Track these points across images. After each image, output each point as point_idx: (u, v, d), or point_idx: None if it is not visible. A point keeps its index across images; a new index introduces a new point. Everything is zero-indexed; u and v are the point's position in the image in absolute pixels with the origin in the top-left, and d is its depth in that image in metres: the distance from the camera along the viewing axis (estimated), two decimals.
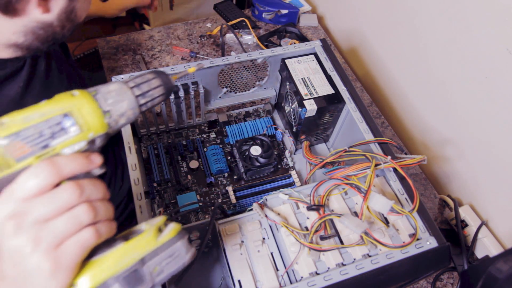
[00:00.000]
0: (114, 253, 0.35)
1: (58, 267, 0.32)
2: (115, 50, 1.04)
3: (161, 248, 0.37)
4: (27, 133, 0.32)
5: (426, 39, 0.84)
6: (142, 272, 0.35)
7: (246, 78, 0.78)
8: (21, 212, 0.31)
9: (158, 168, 0.74)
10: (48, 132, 0.32)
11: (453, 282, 0.74)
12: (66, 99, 0.34)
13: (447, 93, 0.83)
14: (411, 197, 0.57)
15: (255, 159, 0.73)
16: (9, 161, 0.31)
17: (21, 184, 0.31)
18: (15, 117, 0.32)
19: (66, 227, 0.32)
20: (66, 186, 0.33)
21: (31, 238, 0.31)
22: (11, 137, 0.31)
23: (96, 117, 0.34)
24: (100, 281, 0.34)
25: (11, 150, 0.31)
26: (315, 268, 0.52)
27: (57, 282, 0.33)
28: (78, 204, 0.33)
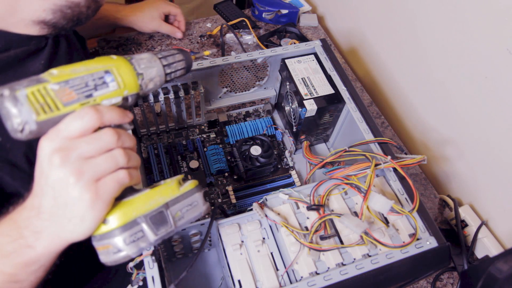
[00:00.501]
0: (143, 196, 0.40)
1: (97, 198, 0.36)
2: (115, 50, 1.04)
3: (182, 196, 0.42)
4: (75, 82, 0.37)
5: (426, 39, 0.84)
6: (166, 215, 0.40)
7: (246, 78, 0.78)
8: (67, 148, 0.35)
9: (158, 168, 0.74)
10: (92, 84, 0.38)
11: (453, 282, 0.74)
12: (107, 59, 0.40)
13: (447, 93, 0.83)
14: (411, 197, 0.57)
15: (255, 159, 0.73)
16: (58, 104, 0.36)
17: (67, 124, 0.36)
18: (64, 69, 0.37)
19: (106, 165, 0.37)
20: (106, 131, 0.38)
21: (75, 170, 0.35)
22: (61, 83, 0.36)
23: (131, 77, 0.40)
24: (130, 219, 0.38)
25: (61, 95, 0.36)
26: (315, 268, 0.52)
27: (95, 213, 0.36)
28: (115, 148, 0.38)
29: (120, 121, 0.39)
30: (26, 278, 0.40)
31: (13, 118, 0.34)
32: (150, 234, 0.39)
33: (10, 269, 0.39)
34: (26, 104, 0.34)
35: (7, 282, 0.39)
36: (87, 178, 0.36)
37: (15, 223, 0.39)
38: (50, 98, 0.35)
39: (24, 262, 0.39)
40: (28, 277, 0.40)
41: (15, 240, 0.38)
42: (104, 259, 0.39)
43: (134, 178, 0.40)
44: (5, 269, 0.39)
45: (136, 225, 0.38)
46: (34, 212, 0.38)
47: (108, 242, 0.37)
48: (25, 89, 0.34)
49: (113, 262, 0.38)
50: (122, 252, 0.38)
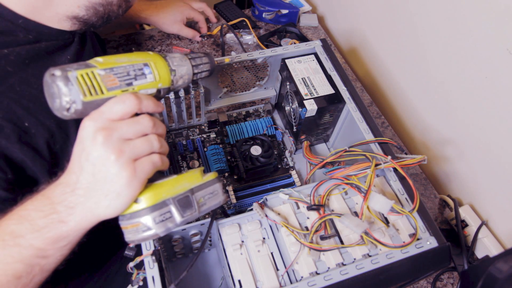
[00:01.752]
0: (171, 180, 0.43)
1: (134, 177, 0.39)
2: (115, 50, 1.04)
3: (205, 185, 0.46)
4: (118, 70, 0.40)
5: (426, 39, 0.84)
6: (191, 199, 0.43)
7: (246, 78, 0.78)
8: (110, 128, 0.38)
9: None
10: (133, 74, 0.41)
11: (453, 282, 0.74)
12: (146, 54, 0.44)
13: (447, 93, 0.83)
14: (411, 197, 0.57)
15: (255, 159, 0.73)
16: (103, 88, 0.39)
17: (110, 106, 0.39)
18: (109, 58, 0.41)
19: (143, 147, 0.40)
20: (144, 117, 0.41)
21: (116, 148, 0.38)
22: (107, 70, 0.40)
23: (165, 72, 0.45)
24: (160, 199, 0.41)
25: (106, 80, 0.39)
26: (315, 268, 0.52)
27: (130, 190, 0.39)
28: (151, 133, 0.41)
29: (155, 110, 0.43)
30: (53, 254, 0.41)
31: (62, 97, 0.36)
32: (177, 215, 0.42)
33: (41, 244, 0.40)
34: (76, 84, 0.37)
35: (35, 256, 0.40)
36: (126, 157, 0.39)
37: (48, 199, 0.40)
38: (96, 82, 0.38)
39: (54, 237, 0.40)
40: (55, 253, 0.41)
41: (48, 215, 0.40)
42: (131, 237, 0.41)
43: (164, 163, 0.43)
44: (35, 243, 0.40)
45: (165, 206, 0.41)
46: (70, 188, 0.40)
47: (138, 220, 0.40)
48: (75, 71, 0.37)
49: (140, 240, 0.41)
50: (151, 231, 0.40)
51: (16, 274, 0.40)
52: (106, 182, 0.38)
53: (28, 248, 0.40)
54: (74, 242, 0.43)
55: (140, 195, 0.40)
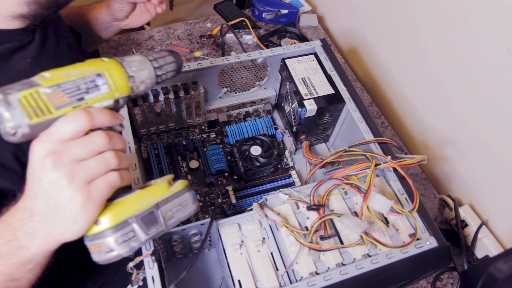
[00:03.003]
0: (133, 197, 0.41)
1: (89, 200, 0.37)
2: (115, 50, 1.04)
3: (172, 197, 0.43)
4: (67, 86, 0.37)
5: (426, 39, 0.84)
6: (156, 215, 0.41)
7: (246, 78, 0.78)
8: (59, 151, 0.36)
9: (158, 168, 0.74)
10: (84, 87, 0.38)
11: (453, 282, 0.74)
12: (99, 62, 0.40)
13: (447, 93, 0.83)
14: (411, 197, 0.57)
15: (255, 159, 0.73)
16: (50, 107, 0.36)
17: (59, 127, 0.36)
18: (57, 72, 0.37)
19: (97, 167, 0.38)
20: (98, 133, 0.38)
21: (68, 173, 0.36)
22: (54, 87, 0.36)
23: (122, 80, 0.41)
24: (121, 219, 0.39)
25: (53, 99, 0.36)
26: (315, 268, 0.52)
27: (87, 214, 0.37)
28: (106, 150, 0.38)
29: (111, 123, 0.40)
30: (22, 276, 0.41)
31: (5, 122, 0.34)
32: (141, 234, 0.40)
33: (7, 269, 0.40)
34: (19, 108, 0.34)
35: (5, 281, 0.40)
36: (79, 181, 0.36)
37: (8, 225, 0.39)
38: (42, 102, 0.35)
39: (19, 262, 0.40)
40: (25, 275, 0.41)
41: (10, 241, 0.39)
42: (97, 258, 0.40)
43: (125, 180, 0.40)
44: (2, 269, 0.40)
45: (128, 225, 0.39)
46: (27, 213, 0.39)
47: (101, 242, 0.38)
48: (17, 93, 0.34)
49: (105, 261, 0.39)
50: (114, 252, 0.39)
51: None
52: (60, 208, 0.37)
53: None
54: (42, 263, 0.42)
55: (100, 216, 0.39)
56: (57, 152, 0.36)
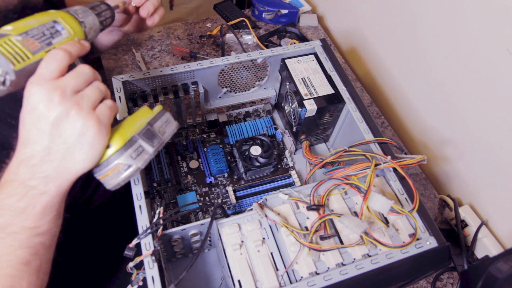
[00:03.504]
0: (128, 120, 0.46)
1: (100, 124, 0.40)
2: (115, 50, 1.04)
3: (157, 116, 0.49)
4: (33, 32, 0.40)
5: (426, 39, 0.84)
6: (153, 130, 0.47)
7: (246, 78, 0.78)
8: (60, 86, 0.38)
9: (158, 168, 0.74)
10: (48, 33, 0.41)
11: (453, 282, 0.74)
12: (49, 13, 0.43)
13: (447, 93, 0.83)
14: (411, 197, 0.57)
15: (255, 159, 0.73)
16: (27, 53, 0.39)
17: (46, 67, 0.39)
18: (18, 23, 0.40)
19: (95, 95, 0.41)
20: (83, 66, 0.42)
21: (75, 103, 0.39)
22: (23, 35, 0.39)
23: (76, 25, 0.45)
24: (128, 138, 0.44)
25: (26, 45, 0.39)
26: (315, 268, 0.52)
27: (102, 137, 0.41)
28: (94, 80, 0.42)
29: (84, 50, 0.43)
30: (48, 228, 0.42)
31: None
32: (148, 146, 0.45)
33: (31, 223, 0.40)
34: (1, 55, 0.36)
35: (32, 236, 0.41)
36: (86, 109, 0.40)
37: (15, 181, 0.40)
38: (18, 48, 0.38)
39: (41, 211, 0.40)
40: (49, 226, 0.42)
41: (25, 194, 0.40)
42: (115, 181, 0.43)
43: (116, 106, 0.44)
44: (26, 224, 0.40)
45: (135, 142, 0.44)
46: (36, 159, 0.40)
47: (117, 162, 0.42)
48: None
49: (125, 179, 0.43)
50: (132, 167, 0.43)
51: (23, 261, 0.40)
52: (76, 137, 0.39)
53: (22, 231, 0.40)
54: (61, 207, 0.43)
55: (110, 141, 0.43)
56: (58, 87, 0.38)
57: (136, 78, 0.66)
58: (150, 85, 0.69)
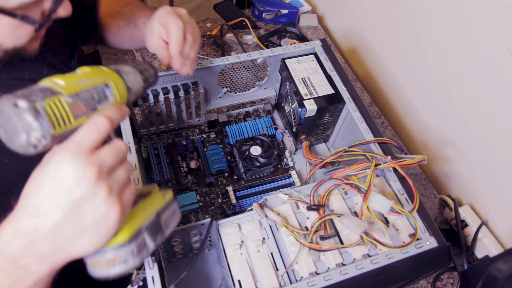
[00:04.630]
0: (140, 206, 0.40)
1: (123, 213, 0.36)
2: (115, 50, 1.04)
3: (167, 205, 0.44)
4: (84, 95, 0.36)
5: (426, 39, 0.84)
6: (159, 222, 0.41)
7: (246, 78, 0.78)
8: (98, 163, 0.34)
9: (158, 168, 0.74)
10: (97, 97, 0.38)
11: (453, 282, 0.74)
12: (103, 72, 0.40)
13: (447, 93, 0.83)
14: (411, 197, 0.57)
15: (255, 159, 0.73)
16: (70, 117, 0.34)
17: (86, 136, 0.35)
18: (70, 80, 0.36)
19: (125, 177, 0.37)
20: (119, 142, 0.38)
21: (106, 185, 0.34)
22: (73, 96, 0.35)
23: (124, 91, 0.41)
24: (136, 229, 0.38)
25: (73, 108, 0.35)
26: (315, 268, 0.52)
27: (118, 227, 0.36)
28: (125, 160, 0.38)
29: (124, 117, 0.40)
30: None
31: (32, 132, 0.31)
32: (150, 243, 0.39)
33: None
34: (46, 117, 0.32)
35: None
36: (115, 193, 0.35)
37: (2, 256, 0.35)
38: (65, 112, 0.34)
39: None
40: None
41: (12, 273, 0.35)
42: (103, 272, 0.37)
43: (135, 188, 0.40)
44: None
45: (139, 236, 0.38)
46: (38, 235, 0.34)
47: (117, 254, 0.37)
48: (43, 101, 0.32)
49: (114, 273, 0.37)
50: (128, 262, 0.37)
51: None
52: (92, 222, 0.35)
53: None
54: (49, 284, 0.38)
55: None
56: (96, 164, 0.34)
57: None
58: None
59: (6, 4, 0.43)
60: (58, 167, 0.33)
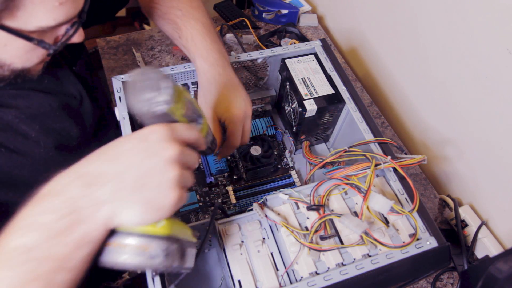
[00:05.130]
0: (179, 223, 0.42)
1: (178, 202, 0.37)
2: (115, 50, 1.04)
3: (193, 244, 0.44)
4: (191, 106, 0.43)
5: (426, 39, 0.84)
6: (186, 250, 0.41)
7: (246, 78, 0.78)
8: (183, 151, 0.38)
9: None
10: (195, 116, 0.44)
11: (453, 282, 0.74)
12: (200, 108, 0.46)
13: (447, 93, 0.83)
14: (411, 197, 0.57)
15: (255, 159, 0.73)
16: (183, 109, 0.41)
17: (186, 130, 0.40)
18: (186, 92, 0.42)
19: (190, 181, 0.40)
20: (196, 153, 0.41)
21: (180, 171, 0.37)
22: (188, 98, 0.42)
23: (205, 134, 0.46)
24: (175, 233, 0.39)
25: (186, 105, 0.42)
26: (315, 268, 0.52)
27: (167, 212, 0.37)
28: None
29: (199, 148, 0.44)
30: (75, 265, 0.35)
31: (163, 91, 0.37)
32: (177, 258, 0.38)
33: (61, 251, 0.34)
34: (174, 93, 0.38)
35: (56, 270, 0.34)
36: (181, 183, 0.38)
37: (59, 196, 0.35)
38: (182, 102, 0.40)
39: (77, 240, 0.34)
40: (78, 264, 0.35)
41: (68, 214, 0.34)
42: (110, 257, 0.36)
43: None
44: (55, 251, 0.33)
45: (176, 243, 0.38)
46: (102, 180, 0.35)
47: (149, 243, 0.36)
48: (177, 85, 0.40)
49: (121, 262, 0.36)
50: (154, 260, 0.36)
51: None
52: (151, 194, 0.36)
53: (47, 260, 0.33)
54: (95, 251, 0.36)
55: (162, 221, 0.38)
56: (181, 151, 0.38)
57: None
58: None
59: (24, 27, 0.42)
60: (152, 132, 0.37)
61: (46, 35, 0.46)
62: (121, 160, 0.36)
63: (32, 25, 0.42)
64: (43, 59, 0.49)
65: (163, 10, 0.67)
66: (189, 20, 0.64)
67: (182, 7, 0.66)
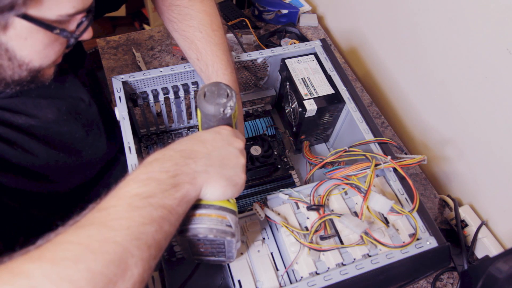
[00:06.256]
0: None
1: (244, 183, 0.46)
2: (115, 50, 1.04)
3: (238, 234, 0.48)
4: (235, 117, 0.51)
5: (426, 39, 0.84)
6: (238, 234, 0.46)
7: (246, 78, 0.78)
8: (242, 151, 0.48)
9: None
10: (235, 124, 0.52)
11: (453, 282, 0.74)
12: None
13: (447, 93, 0.83)
14: (411, 197, 0.57)
15: (255, 159, 0.73)
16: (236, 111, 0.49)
17: (240, 134, 0.49)
18: None
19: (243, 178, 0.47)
20: None
21: (244, 160, 0.47)
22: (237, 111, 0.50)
23: None
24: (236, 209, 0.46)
25: None
26: (315, 268, 0.52)
27: (238, 190, 0.46)
28: None
29: None
30: (175, 221, 0.40)
31: (230, 102, 0.46)
32: (237, 231, 0.45)
33: (171, 203, 0.39)
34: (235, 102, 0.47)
35: (165, 219, 0.39)
36: (245, 169, 0.47)
37: (171, 160, 0.42)
38: (236, 111, 0.49)
39: (181, 198, 0.40)
40: (176, 221, 0.40)
41: (176, 175, 0.41)
42: (210, 225, 0.43)
43: None
44: (167, 202, 0.39)
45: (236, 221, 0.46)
46: (199, 155, 0.43)
47: (226, 214, 0.44)
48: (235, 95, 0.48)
49: (219, 232, 0.43)
50: (231, 228, 0.44)
51: (147, 242, 0.36)
52: (230, 172, 0.44)
53: (159, 208, 0.38)
54: (184, 215, 0.42)
55: (233, 200, 0.46)
56: (244, 147, 0.48)
57: (136, 78, 0.66)
58: (150, 85, 0.69)
59: (46, 16, 0.41)
60: (223, 129, 0.47)
61: (64, 26, 0.45)
62: (207, 144, 0.45)
63: (53, 14, 0.42)
64: (59, 54, 0.49)
65: (181, 26, 0.65)
66: (210, 45, 0.63)
67: (203, 29, 0.64)
